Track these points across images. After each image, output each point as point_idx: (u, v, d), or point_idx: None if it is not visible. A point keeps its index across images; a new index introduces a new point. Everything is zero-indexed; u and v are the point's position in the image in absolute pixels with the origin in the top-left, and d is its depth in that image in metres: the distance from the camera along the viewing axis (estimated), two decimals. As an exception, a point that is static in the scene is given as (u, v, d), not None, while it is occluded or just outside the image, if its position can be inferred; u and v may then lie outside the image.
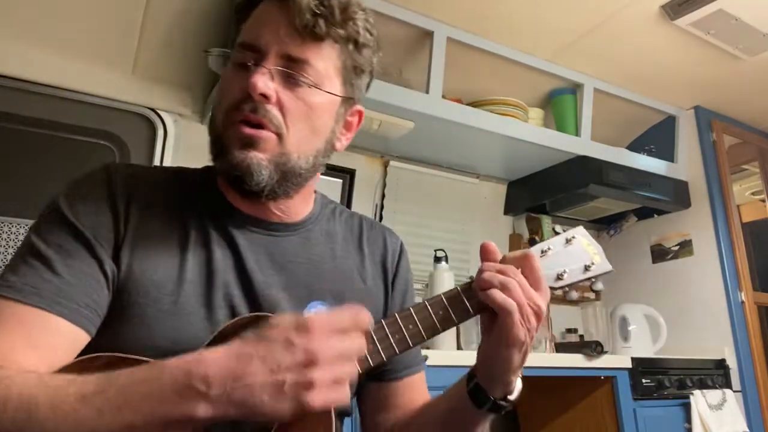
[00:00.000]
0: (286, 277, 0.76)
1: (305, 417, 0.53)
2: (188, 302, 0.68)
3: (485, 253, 0.71)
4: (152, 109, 1.87)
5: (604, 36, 2.04)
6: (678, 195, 2.48)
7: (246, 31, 0.72)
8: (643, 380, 1.99)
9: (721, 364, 2.24)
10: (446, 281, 2.03)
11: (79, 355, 0.62)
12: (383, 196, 2.27)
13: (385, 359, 0.66)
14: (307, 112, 0.70)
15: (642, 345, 2.22)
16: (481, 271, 0.68)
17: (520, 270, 0.68)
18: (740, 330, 2.28)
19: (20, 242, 0.67)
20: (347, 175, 2.19)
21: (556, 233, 0.78)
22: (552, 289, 0.73)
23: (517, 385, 0.73)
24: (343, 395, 0.52)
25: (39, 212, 0.69)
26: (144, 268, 0.67)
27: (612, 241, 2.81)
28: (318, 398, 0.50)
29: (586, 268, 0.75)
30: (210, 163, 0.78)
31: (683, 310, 2.43)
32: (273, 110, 0.68)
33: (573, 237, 0.77)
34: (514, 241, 2.57)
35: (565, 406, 2.11)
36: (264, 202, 0.75)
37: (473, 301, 0.70)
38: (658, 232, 2.64)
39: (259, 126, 0.68)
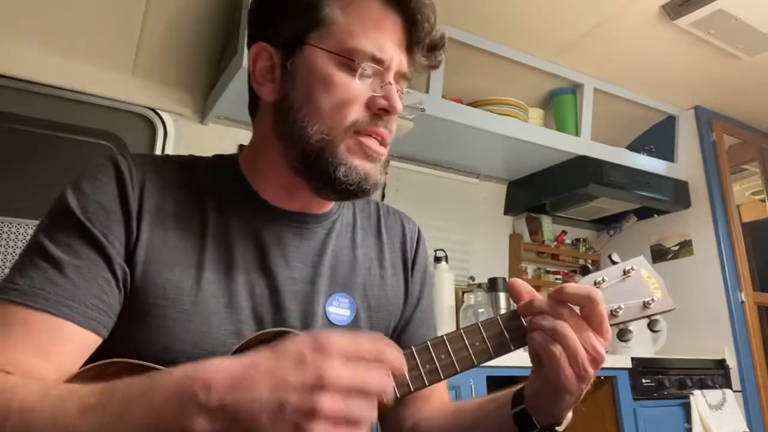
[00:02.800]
0: (313, 270, 0.74)
1: None
2: (207, 302, 0.66)
3: (516, 294, 0.66)
4: (152, 109, 1.87)
5: (604, 36, 2.04)
6: (678, 195, 2.48)
7: (366, 38, 0.67)
8: (643, 380, 1.99)
9: (721, 364, 2.24)
10: (446, 281, 2.04)
11: (99, 358, 0.61)
12: (383, 196, 2.27)
13: (412, 391, 0.60)
14: None
15: (642, 345, 2.22)
16: (528, 307, 0.65)
17: (579, 308, 0.62)
18: (740, 330, 2.28)
19: (20, 242, 0.65)
20: (347, 175, 2.19)
21: (614, 262, 0.70)
22: None
23: (568, 415, 0.68)
24: None
25: (48, 209, 0.66)
26: (161, 267, 0.65)
27: (612, 241, 2.81)
28: (320, 431, 0.43)
29: (645, 305, 0.67)
30: (219, 153, 0.77)
31: (683, 310, 2.42)
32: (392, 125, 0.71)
33: (632, 268, 0.69)
34: (514, 241, 2.57)
35: (565, 406, 2.11)
36: (313, 198, 0.74)
37: (514, 334, 0.65)
38: (658, 232, 2.64)
39: (385, 141, 0.70)
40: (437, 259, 2.09)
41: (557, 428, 0.67)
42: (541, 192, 2.47)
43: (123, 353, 0.61)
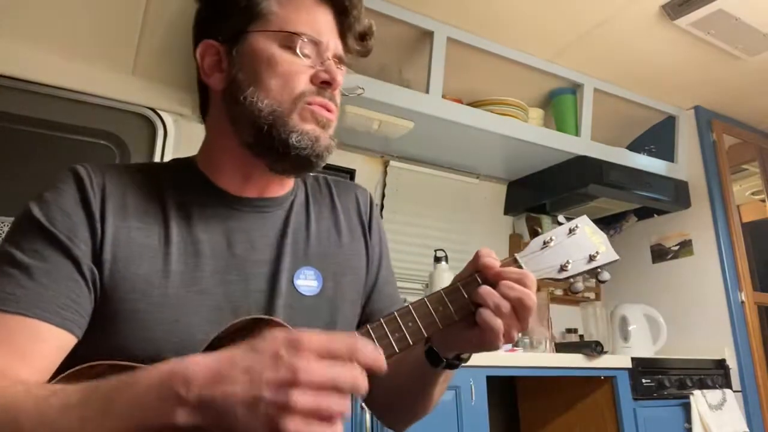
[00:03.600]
0: (277, 250, 0.77)
1: None
2: (177, 292, 0.68)
3: (483, 266, 0.69)
4: (152, 109, 1.87)
5: (604, 36, 2.04)
6: (678, 195, 2.48)
7: (299, 22, 0.74)
8: (643, 380, 1.99)
9: (721, 364, 2.24)
10: (446, 281, 2.03)
11: (76, 361, 0.62)
12: (383, 195, 2.27)
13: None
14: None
15: (642, 345, 2.22)
16: (482, 280, 0.68)
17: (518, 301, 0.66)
18: (740, 330, 2.28)
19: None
20: (347, 175, 2.19)
21: (560, 223, 0.75)
22: (556, 280, 0.73)
23: None
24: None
25: (13, 223, 0.68)
26: (128, 263, 0.67)
27: (612, 241, 2.80)
28: (293, 426, 0.45)
29: (591, 258, 0.73)
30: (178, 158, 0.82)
31: (683, 310, 2.43)
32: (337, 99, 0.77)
33: (576, 227, 0.74)
34: (514, 241, 2.57)
35: (565, 406, 2.11)
36: (273, 179, 0.78)
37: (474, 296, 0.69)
38: (658, 232, 2.64)
39: (332, 111, 0.75)
40: (437, 259, 2.09)
41: (463, 356, 0.73)
42: (541, 192, 2.47)
43: (100, 353, 0.63)
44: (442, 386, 0.78)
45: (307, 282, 0.77)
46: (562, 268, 0.72)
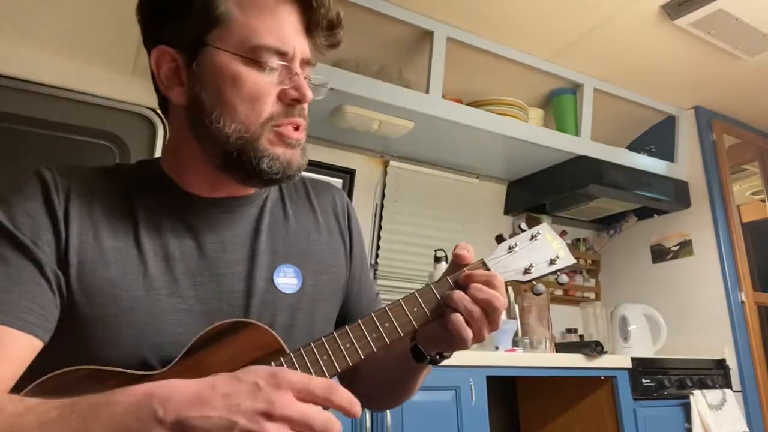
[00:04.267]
0: (251, 249, 0.76)
1: None
2: (147, 295, 0.67)
3: (460, 261, 0.73)
4: (152, 109, 1.87)
5: (604, 36, 2.04)
6: (678, 195, 2.48)
7: (267, 31, 0.68)
8: (643, 380, 1.99)
9: (721, 364, 2.24)
10: (446, 281, 2.04)
11: (52, 366, 0.61)
12: (383, 196, 2.27)
13: (363, 357, 0.67)
14: None
15: (642, 345, 2.22)
16: (453, 282, 0.71)
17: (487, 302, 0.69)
18: (740, 330, 2.28)
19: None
20: (347, 175, 2.19)
21: (522, 230, 0.81)
22: (520, 282, 0.78)
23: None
24: None
25: None
26: (96, 266, 0.66)
27: (612, 241, 2.81)
28: None
29: (552, 262, 0.79)
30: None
31: (683, 310, 2.43)
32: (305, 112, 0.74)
33: (538, 233, 0.80)
34: (514, 241, 2.57)
35: (565, 406, 2.11)
36: (239, 186, 0.76)
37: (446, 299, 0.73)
38: (658, 232, 2.64)
39: (300, 127, 0.72)
40: (437, 259, 2.09)
41: (445, 354, 0.77)
42: (541, 192, 2.47)
43: (75, 359, 0.62)
44: (424, 376, 0.82)
45: (287, 279, 0.76)
46: (526, 271, 0.77)
